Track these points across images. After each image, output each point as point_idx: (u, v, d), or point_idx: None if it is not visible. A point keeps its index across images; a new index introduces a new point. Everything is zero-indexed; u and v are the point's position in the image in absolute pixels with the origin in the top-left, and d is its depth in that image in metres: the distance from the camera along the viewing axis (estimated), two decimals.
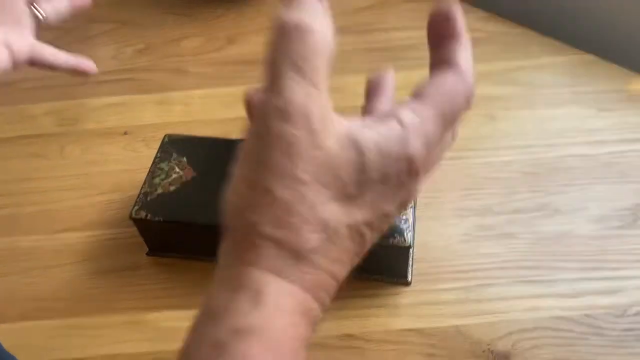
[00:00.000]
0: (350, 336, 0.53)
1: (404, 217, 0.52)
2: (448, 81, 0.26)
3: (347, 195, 0.24)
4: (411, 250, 0.54)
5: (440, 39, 0.27)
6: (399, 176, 0.25)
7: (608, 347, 0.51)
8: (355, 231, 0.25)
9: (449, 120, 0.26)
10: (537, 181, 0.64)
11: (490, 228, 0.60)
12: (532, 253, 0.58)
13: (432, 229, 0.60)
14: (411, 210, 0.53)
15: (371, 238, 0.26)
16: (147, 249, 0.60)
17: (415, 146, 0.25)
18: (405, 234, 0.51)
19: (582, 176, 0.64)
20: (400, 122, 0.25)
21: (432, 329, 0.53)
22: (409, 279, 0.56)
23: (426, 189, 0.62)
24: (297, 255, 0.24)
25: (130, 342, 0.55)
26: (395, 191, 0.25)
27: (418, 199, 0.62)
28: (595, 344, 0.51)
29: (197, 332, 0.24)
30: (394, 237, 0.51)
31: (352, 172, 0.24)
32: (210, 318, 0.23)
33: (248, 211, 0.24)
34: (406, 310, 0.55)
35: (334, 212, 0.24)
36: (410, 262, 0.57)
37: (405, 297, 0.56)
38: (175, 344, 0.25)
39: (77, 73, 0.54)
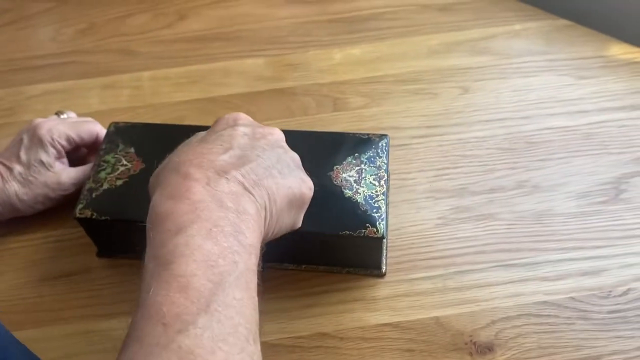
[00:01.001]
0: (323, 335, 0.50)
1: (375, 205, 0.48)
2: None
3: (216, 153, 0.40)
4: (384, 240, 0.50)
5: None
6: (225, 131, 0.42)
7: (594, 332, 0.48)
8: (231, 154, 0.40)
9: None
10: (515, 157, 0.60)
11: (467, 209, 0.56)
12: (512, 234, 0.55)
13: (405, 213, 0.56)
14: (383, 197, 0.49)
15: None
16: (97, 250, 0.55)
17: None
18: (377, 224, 0.47)
19: (561, 150, 0.60)
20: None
21: (410, 322, 0.50)
22: (384, 270, 0.52)
23: (398, 171, 0.59)
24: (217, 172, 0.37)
25: (83, 354, 0.50)
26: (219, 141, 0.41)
27: (390, 183, 0.58)
28: (581, 328, 0.49)
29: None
30: (366, 228, 0.47)
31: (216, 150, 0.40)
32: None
33: (184, 166, 0.37)
34: (382, 304, 0.51)
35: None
36: (384, 253, 0.53)
37: (380, 289, 0.52)
38: None
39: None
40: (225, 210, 0.35)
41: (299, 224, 0.44)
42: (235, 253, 0.33)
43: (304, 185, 0.42)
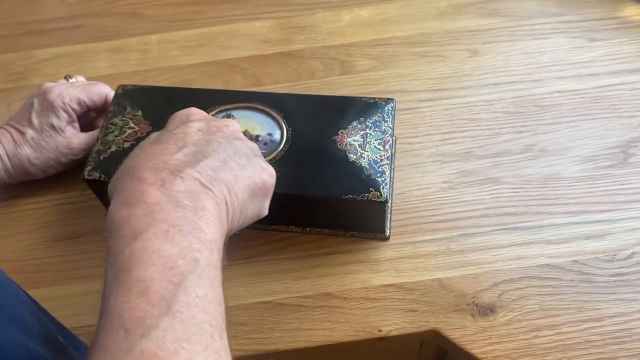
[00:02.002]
0: (328, 295, 0.50)
1: (380, 170, 0.48)
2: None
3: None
4: (388, 204, 0.51)
5: None
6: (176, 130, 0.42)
7: (597, 294, 0.49)
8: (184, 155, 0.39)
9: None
10: (522, 121, 0.60)
11: (473, 173, 0.56)
12: (518, 198, 0.55)
13: (410, 177, 0.57)
14: (387, 162, 0.49)
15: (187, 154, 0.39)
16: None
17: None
18: (381, 188, 0.47)
19: (570, 113, 0.60)
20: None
21: (413, 284, 0.50)
22: (388, 233, 0.53)
23: (404, 135, 0.59)
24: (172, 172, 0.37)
25: (94, 313, 0.51)
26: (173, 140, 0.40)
27: (397, 147, 0.58)
28: (583, 291, 0.49)
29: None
30: (370, 192, 0.47)
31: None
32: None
33: (137, 170, 0.37)
34: (386, 265, 0.52)
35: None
36: (388, 217, 0.53)
37: (384, 251, 0.52)
38: None
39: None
40: (182, 210, 0.34)
41: (265, 212, 0.43)
42: (195, 251, 0.33)
43: (264, 173, 0.41)
